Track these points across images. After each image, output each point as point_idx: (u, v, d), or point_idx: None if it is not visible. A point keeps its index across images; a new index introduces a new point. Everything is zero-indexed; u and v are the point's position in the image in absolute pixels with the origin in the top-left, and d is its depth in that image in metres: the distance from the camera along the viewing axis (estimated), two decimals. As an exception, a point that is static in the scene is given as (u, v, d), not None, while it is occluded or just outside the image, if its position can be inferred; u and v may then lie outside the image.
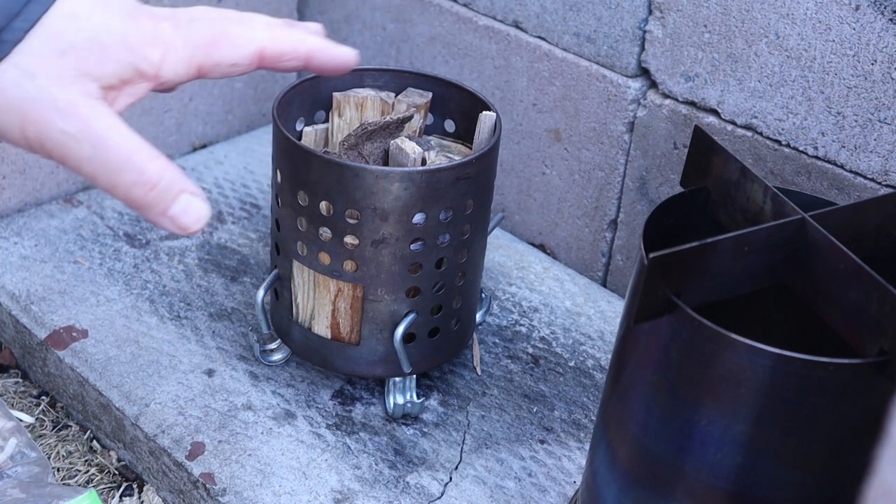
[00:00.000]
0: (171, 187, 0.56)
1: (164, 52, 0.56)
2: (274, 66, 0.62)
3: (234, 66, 0.60)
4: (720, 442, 0.61)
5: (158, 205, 0.56)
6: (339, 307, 0.85)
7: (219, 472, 0.83)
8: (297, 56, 0.62)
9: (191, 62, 0.58)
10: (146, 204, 0.56)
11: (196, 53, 0.58)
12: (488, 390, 0.94)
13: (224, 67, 0.60)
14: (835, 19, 0.85)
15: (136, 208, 0.57)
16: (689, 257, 0.59)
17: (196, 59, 0.58)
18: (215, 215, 1.14)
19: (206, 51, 0.59)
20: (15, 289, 1.01)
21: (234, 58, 0.60)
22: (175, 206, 0.57)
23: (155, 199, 0.56)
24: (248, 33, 0.60)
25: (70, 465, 0.92)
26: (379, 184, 0.78)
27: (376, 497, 0.82)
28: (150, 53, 0.56)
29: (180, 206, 0.57)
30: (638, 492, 0.67)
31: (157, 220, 0.57)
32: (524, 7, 1.07)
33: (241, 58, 0.60)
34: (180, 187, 0.57)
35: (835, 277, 0.61)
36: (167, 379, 0.92)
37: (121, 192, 0.55)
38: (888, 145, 0.85)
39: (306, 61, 0.62)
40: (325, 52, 0.63)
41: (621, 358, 0.67)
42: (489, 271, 1.09)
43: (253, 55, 0.60)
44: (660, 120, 1.00)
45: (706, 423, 0.61)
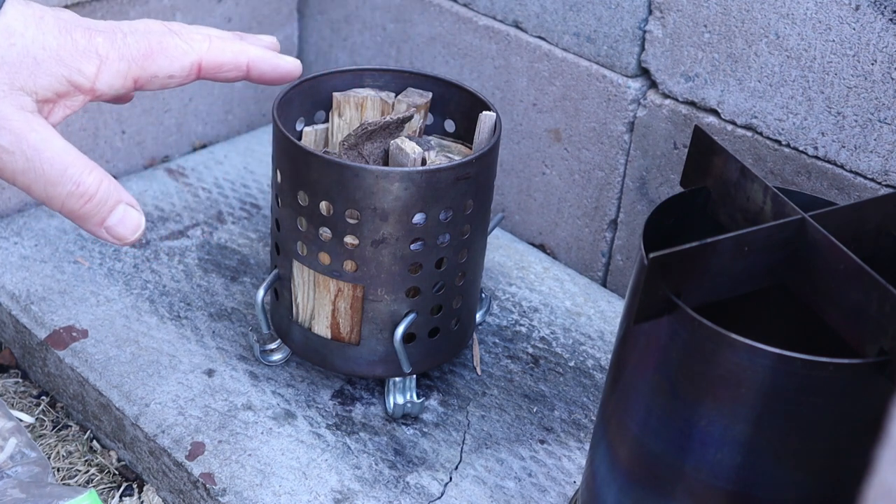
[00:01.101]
0: (108, 198, 0.57)
1: (100, 65, 0.58)
2: (214, 76, 0.64)
3: (171, 77, 0.62)
4: (720, 442, 0.61)
5: (95, 216, 0.57)
6: (339, 307, 0.85)
7: (219, 472, 0.83)
8: (237, 67, 0.64)
9: (126, 75, 0.60)
10: (82, 215, 0.57)
11: (132, 66, 0.60)
12: (488, 390, 0.94)
13: (161, 79, 0.61)
14: (835, 19, 0.85)
15: (73, 220, 0.58)
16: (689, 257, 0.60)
17: (132, 71, 0.60)
18: (215, 215, 1.14)
19: (142, 63, 0.60)
20: (15, 289, 1.01)
21: (169, 70, 0.61)
22: (112, 217, 0.58)
23: (91, 211, 0.57)
24: (185, 45, 0.62)
25: (70, 465, 0.92)
26: (379, 184, 0.78)
27: (376, 497, 0.82)
28: (85, 67, 0.58)
29: (117, 217, 0.58)
30: (638, 492, 0.67)
31: (94, 230, 0.58)
32: (524, 7, 1.07)
33: (178, 70, 0.61)
34: (116, 198, 0.58)
35: (835, 277, 0.61)
36: (167, 379, 0.92)
37: (56, 204, 0.57)
38: (888, 145, 0.85)
39: (247, 72, 0.64)
40: (266, 63, 0.65)
41: (621, 358, 0.67)
42: (489, 271, 1.09)
43: (190, 67, 0.62)
44: (660, 120, 1.00)
45: (706, 423, 0.61)
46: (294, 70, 0.66)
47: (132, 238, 0.59)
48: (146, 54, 0.60)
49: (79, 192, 0.56)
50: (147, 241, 1.09)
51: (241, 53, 0.64)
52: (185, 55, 0.61)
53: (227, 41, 0.64)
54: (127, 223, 0.58)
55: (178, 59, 0.62)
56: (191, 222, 1.13)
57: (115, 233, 0.58)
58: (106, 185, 0.57)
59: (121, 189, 0.59)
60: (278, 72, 0.65)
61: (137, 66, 0.60)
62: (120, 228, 0.58)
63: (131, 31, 0.60)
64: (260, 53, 0.64)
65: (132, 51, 0.60)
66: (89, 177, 0.56)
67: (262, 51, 0.65)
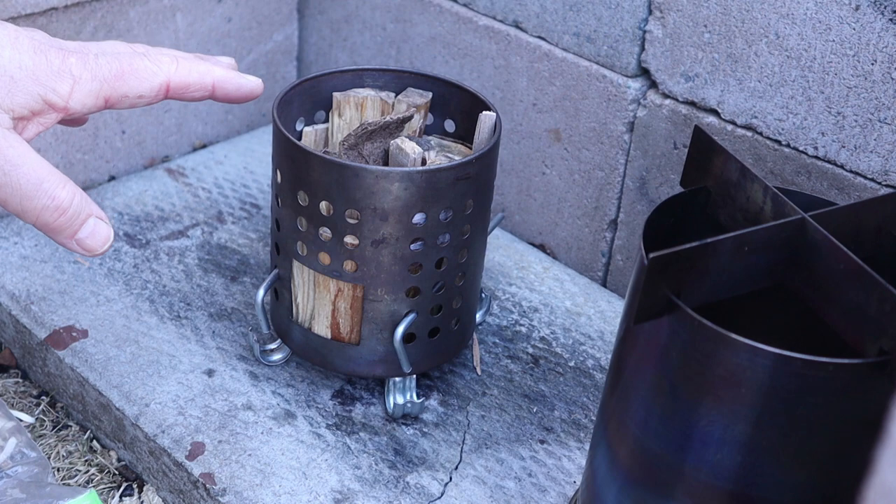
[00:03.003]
0: (80, 212, 0.60)
1: (73, 84, 0.60)
2: (181, 96, 0.66)
3: (141, 97, 0.64)
4: (720, 442, 0.61)
5: (67, 229, 0.60)
6: (339, 307, 0.85)
7: (219, 472, 0.83)
8: (203, 87, 0.66)
9: (98, 94, 0.62)
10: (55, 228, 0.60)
11: (104, 86, 0.62)
12: (488, 390, 0.94)
13: (131, 99, 0.63)
14: (835, 19, 0.85)
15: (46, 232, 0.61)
16: (689, 257, 0.60)
17: (104, 91, 0.62)
18: (215, 215, 1.14)
19: (113, 84, 0.62)
20: (15, 289, 1.01)
21: (139, 90, 0.63)
22: (83, 230, 0.60)
23: (64, 224, 0.60)
24: (154, 67, 0.64)
25: (70, 465, 0.92)
26: (379, 184, 0.78)
27: (376, 497, 0.82)
28: (59, 86, 0.60)
29: (87, 230, 0.61)
30: (638, 492, 0.67)
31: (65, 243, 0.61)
32: (524, 7, 1.07)
33: (147, 90, 0.64)
34: (88, 212, 0.60)
35: (835, 277, 0.61)
36: (167, 379, 0.92)
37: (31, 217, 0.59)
38: (888, 145, 0.85)
39: (212, 91, 0.67)
40: (231, 83, 0.67)
41: (621, 358, 0.67)
42: (489, 271, 1.09)
43: (159, 87, 0.64)
44: (660, 120, 1.00)
45: (706, 423, 0.61)
46: (256, 89, 0.69)
47: (101, 250, 0.62)
48: (117, 75, 0.62)
49: (53, 205, 0.59)
50: (147, 241, 1.09)
51: (207, 74, 0.66)
52: (154, 76, 0.64)
53: (193, 62, 0.66)
54: (97, 236, 0.61)
55: (148, 79, 0.64)
56: (191, 222, 1.13)
57: (86, 245, 0.61)
58: (78, 199, 0.61)
59: (91, 203, 0.61)
60: (242, 91, 0.68)
61: (109, 87, 0.62)
62: (90, 241, 0.61)
63: (101, 53, 0.63)
64: (224, 74, 0.67)
65: (104, 71, 0.62)
66: (63, 191, 0.59)
67: (227, 71, 0.68)
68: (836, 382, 0.58)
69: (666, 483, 0.65)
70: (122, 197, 1.17)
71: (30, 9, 1.06)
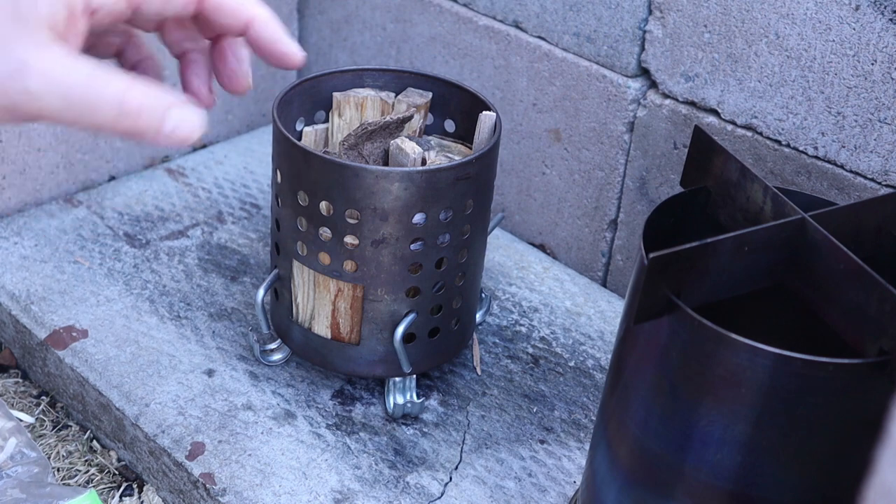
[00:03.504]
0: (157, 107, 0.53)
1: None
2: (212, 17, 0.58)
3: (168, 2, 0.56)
4: (720, 442, 0.61)
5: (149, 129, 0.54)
6: (339, 307, 0.85)
7: (219, 472, 0.83)
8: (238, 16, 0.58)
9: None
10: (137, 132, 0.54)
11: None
12: (488, 390, 0.94)
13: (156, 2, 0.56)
14: (835, 19, 0.85)
15: (130, 137, 0.55)
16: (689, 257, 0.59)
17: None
18: (215, 215, 1.14)
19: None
20: (15, 289, 1.01)
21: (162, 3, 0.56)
22: (168, 123, 0.54)
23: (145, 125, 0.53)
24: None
25: (70, 465, 0.92)
26: (379, 184, 0.78)
27: (376, 497, 0.82)
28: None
29: (172, 123, 0.54)
30: (638, 491, 0.67)
31: (155, 142, 0.54)
32: (524, 7, 1.07)
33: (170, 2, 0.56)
34: (166, 102, 0.54)
35: (835, 277, 0.61)
36: (167, 379, 0.92)
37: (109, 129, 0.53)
38: (888, 145, 0.85)
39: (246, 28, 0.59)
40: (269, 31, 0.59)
41: (621, 358, 0.67)
42: (489, 271, 1.09)
43: None
44: (660, 120, 1.00)
45: (706, 423, 0.61)
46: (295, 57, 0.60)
47: (196, 136, 0.55)
48: None
49: (124, 111, 0.52)
50: (147, 241, 1.09)
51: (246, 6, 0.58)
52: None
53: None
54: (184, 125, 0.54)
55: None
56: (191, 222, 1.13)
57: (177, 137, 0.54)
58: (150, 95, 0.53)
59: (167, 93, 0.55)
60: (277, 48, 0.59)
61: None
62: (179, 131, 0.54)
63: None
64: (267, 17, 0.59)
65: None
66: (130, 93, 0.52)
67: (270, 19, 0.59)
68: (836, 382, 0.58)
69: (666, 483, 0.65)
70: (122, 197, 1.17)
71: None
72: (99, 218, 1.13)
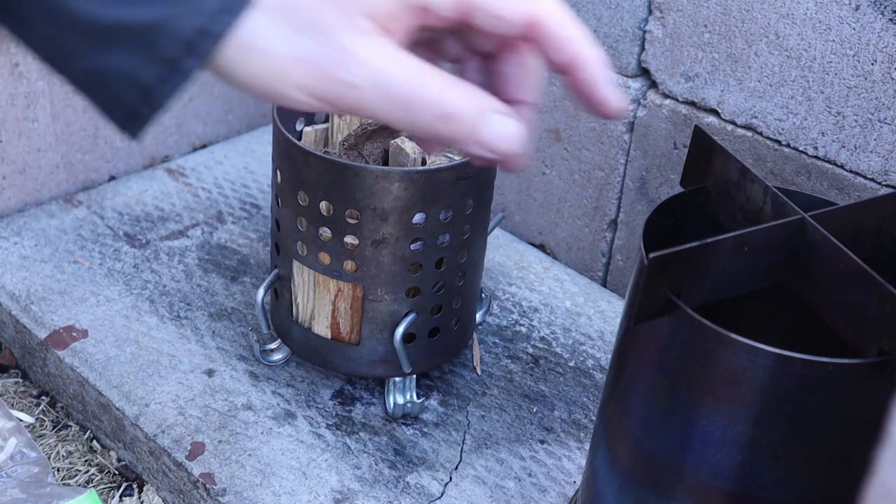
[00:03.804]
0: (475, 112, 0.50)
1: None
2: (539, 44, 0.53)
3: (499, 19, 0.52)
4: (720, 442, 0.61)
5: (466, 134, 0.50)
6: (339, 307, 0.85)
7: (219, 472, 0.83)
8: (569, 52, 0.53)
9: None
10: (452, 137, 0.50)
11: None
12: (488, 390, 0.94)
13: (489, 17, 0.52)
14: (835, 19, 0.85)
15: (444, 143, 0.51)
16: (689, 257, 0.59)
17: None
18: (215, 215, 1.14)
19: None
20: (15, 289, 1.01)
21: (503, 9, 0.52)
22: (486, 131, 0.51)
23: (459, 131, 0.50)
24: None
25: (70, 465, 0.92)
26: (379, 184, 0.78)
27: (376, 497, 0.82)
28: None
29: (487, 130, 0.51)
30: (638, 492, 0.67)
31: (467, 150, 0.51)
32: (524, 7, 1.07)
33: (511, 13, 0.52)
34: (486, 107, 0.51)
35: (835, 277, 0.61)
36: (167, 379, 0.92)
37: (422, 131, 0.50)
38: (888, 145, 0.85)
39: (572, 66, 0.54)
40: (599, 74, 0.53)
41: (621, 358, 0.67)
42: (489, 271, 1.09)
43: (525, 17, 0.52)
44: (660, 120, 1.00)
45: (706, 422, 0.61)
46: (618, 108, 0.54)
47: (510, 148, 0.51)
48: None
49: (441, 114, 0.49)
50: (147, 241, 1.09)
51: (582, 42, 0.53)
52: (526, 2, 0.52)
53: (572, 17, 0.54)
54: (503, 135, 0.51)
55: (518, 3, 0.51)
56: (191, 222, 1.13)
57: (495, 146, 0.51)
58: (470, 97, 0.50)
59: (486, 98, 0.51)
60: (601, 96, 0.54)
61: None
62: (498, 141, 0.51)
63: None
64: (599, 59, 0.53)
65: None
66: (449, 95, 0.49)
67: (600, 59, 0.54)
68: (836, 382, 0.58)
69: (666, 483, 0.65)
70: (122, 197, 1.17)
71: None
72: (99, 218, 1.13)
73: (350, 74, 0.48)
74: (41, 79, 1.11)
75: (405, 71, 0.49)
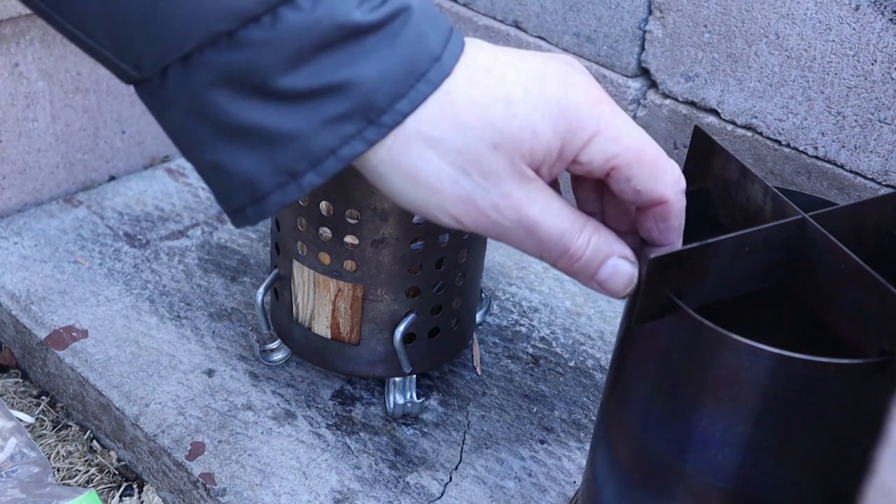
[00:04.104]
0: (596, 256, 0.56)
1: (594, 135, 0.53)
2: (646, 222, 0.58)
3: (637, 194, 0.55)
4: (721, 442, 0.61)
5: (584, 273, 0.56)
6: (339, 307, 0.85)
7: (219, 472, 0.83)
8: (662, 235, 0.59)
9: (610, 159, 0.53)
10: (572, 273, 0.57)
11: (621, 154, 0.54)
12: (488, 390, 0.94)
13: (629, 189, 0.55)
14: (835, 19, 0.85)
15: (567, 274, 0.57)
16: (689, 258, 0.60)
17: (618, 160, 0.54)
18: (215, 215, 1.14)
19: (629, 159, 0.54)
20: (15, 289, 1.01)
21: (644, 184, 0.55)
22: (601, 273, 0.57)
23: (580, 269, 0.56)
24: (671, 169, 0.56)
25: (70, 465, 0.92)
26: (379, 184, 0.78)
27: (376, 497, 0.82)
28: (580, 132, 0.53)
29: (606, 272, 0.57)
30: (638, 493, 0.67)
31: (585, 283, 0.58)
32: (524, 7, 1.07)
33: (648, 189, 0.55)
34: (606, 253, 0.56)
35: (835, 277, 0.61)
36: (167, 379, 0.92)
37: (549, 262, 0.56)
38: (888, 145, 0.85)
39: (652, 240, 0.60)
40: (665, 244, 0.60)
41: (621, 358, 0.67)
42: (489, 271, 1.09)
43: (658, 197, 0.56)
44: (660, 120, 1.00)
45: (707, 423, 0.61)
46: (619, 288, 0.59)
47: (623, 291, 0.58)
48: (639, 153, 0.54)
49: (568, 254, 0.55)
50: (147, 241, 1.09)
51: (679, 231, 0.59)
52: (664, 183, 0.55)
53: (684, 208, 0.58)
54: (617, 278, 0.57)
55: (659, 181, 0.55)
56: (191, 222, 1.13)
57: (606, 287, 0.57)
58: (594, 243, 0.55)
59: (612, 242, 0.56)
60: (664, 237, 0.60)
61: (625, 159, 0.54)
62: (610, 283, 0.57)
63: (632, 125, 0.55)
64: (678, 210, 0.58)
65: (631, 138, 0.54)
66: (579, 240, 0.55)
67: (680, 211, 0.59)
68: (836, 383, 0.58)
69: (667, 483, 0.65)
70: (122, 197, 1.17)
71: (30, 9, 1.06)
72: (99, 218, 1.13)
73: (503, 218, 0.53)
74: (41, 79, 1.11)
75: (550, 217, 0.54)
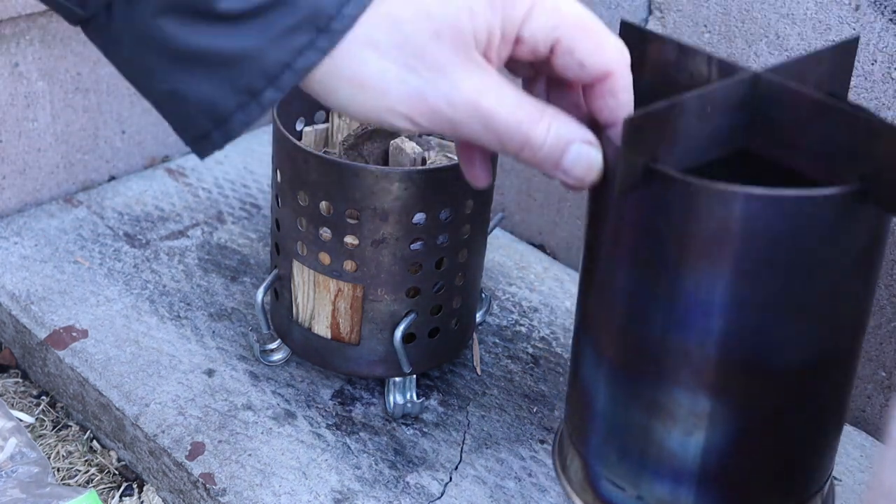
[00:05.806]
0: (558, 143, 0.55)
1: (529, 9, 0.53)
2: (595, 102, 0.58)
3: (583, 67, 0.56)
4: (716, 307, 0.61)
5: (548, 162, 0.56)
6: (339, 307, 0.85)
7: (219, 472, 0.83)
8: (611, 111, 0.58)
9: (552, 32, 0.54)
10: (536, 164, 0.56)
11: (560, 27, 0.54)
12: (488, 390, 0.94)
13: (573, 63, 0.55)
14: (835, 19, 0.85)
15: (531, 166, 0.56)
16: (660, 116, 0.58)
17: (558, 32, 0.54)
18: (215, 215, 1.14)
19: (571, 32, 0.55)
20: (15, 289, 1.01)
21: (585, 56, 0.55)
22: (566, 160, 0.56)
23: (544, 158, 0.55)
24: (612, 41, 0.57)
25: (70, 465, 0.92)
26: (379, 184, 0.78)
27: (376, 497, 0.82)
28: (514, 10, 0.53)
29: (571, 159, 0.56)
30: (630, 383, 0.66)
31: (551, 174, 0.57)
32: (524, 7, 1.07)
33: (591, 62, 0.56)
34: (568, 139, 0.55)
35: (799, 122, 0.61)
36: (167, 379, 0.92)
37: (511, 154, 0.55)
38: (888, 145, 0.85)
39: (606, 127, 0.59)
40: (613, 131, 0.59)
41: (595, 248, 0.66)
42: (489, 271, 1.09)
43: (602, 69, 0.56)
44: (660, 120, 1.00)
45: (702, 290, 0.60)
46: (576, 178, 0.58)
47: (588, 177, 0.57)
48: (579, 24, 0.55)
49: (530, 144, 0.54)
50: (147, 241, 1.09)
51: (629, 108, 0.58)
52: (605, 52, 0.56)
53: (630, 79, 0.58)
54: (582, 162, 0.56)
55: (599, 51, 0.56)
56: (191, 222, 1.13)
57: (572, 174, 0.56)
58: (555, 129, 0.55)
59: (574, 128, 0.56)
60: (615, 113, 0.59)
61: (566, 31, 0.54)
62: (576, 170, 0.56)
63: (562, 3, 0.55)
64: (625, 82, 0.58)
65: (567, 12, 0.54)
66: (539, 128, 0.54)
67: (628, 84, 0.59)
68: (825, 217, 0.58)
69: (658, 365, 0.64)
70: (122, 197, 1.17)
71: (30, 9, 1.06)
72: (99, 218, 1.13)
73: (457, 112, 0.52)
74: (41, 79, 1.11)
75: (506, 106, 0.53)
